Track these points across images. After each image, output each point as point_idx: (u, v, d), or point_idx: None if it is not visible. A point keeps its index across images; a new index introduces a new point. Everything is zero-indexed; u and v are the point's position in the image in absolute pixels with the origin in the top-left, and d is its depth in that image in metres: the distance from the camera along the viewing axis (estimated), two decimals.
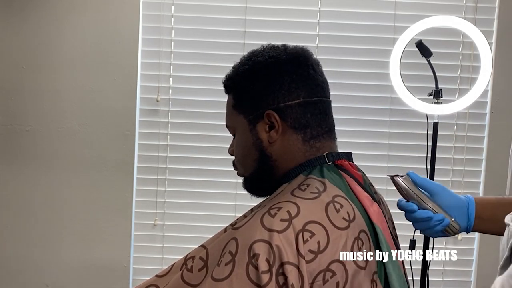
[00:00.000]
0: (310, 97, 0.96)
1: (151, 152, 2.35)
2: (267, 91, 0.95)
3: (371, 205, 0.93)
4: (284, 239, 0.82)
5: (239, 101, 0.99)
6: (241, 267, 0.82)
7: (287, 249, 0.81)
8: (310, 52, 1.01)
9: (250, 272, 0.81)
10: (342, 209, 0.88)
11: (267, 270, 0.81)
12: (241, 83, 0.99)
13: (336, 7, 2.33)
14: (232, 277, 0.82)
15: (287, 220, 0.83)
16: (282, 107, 0.95)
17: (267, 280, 0.80)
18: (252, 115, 0.97)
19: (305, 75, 0.96)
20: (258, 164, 0.98)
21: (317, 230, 0.84)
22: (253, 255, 0.81)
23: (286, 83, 0.95)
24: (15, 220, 2.33)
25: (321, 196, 0.88)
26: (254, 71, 0.97)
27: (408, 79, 2.01)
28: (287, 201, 0.87)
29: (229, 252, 0.84)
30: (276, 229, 0.82)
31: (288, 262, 0.81)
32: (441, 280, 2.36)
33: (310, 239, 0.83)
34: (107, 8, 2.28)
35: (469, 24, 1.88)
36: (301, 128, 0.95)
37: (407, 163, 2.29)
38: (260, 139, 0.97)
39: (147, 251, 2.37)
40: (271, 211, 0.85)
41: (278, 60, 0.96)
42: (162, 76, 2.32)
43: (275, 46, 1.00)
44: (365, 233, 0.90)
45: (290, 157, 0.96)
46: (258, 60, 0.97)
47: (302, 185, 0.91)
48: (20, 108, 2.30)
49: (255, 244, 0.82)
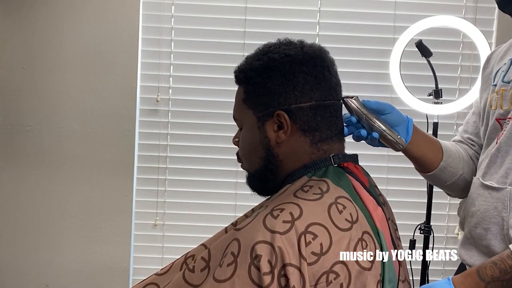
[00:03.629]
0: (322, 100, 0.94)
1: (151, 152, 2.35)
2: (280, 91, 0.93)
3: (375, 209, 0.93)
4: (286, 241, 0.81)
5: (250, 96, 0.97)
6: (243, 268, 0.82)
7: (289, 250, 0.81)
8: (327, 52, 1.00)
9: (252, 273, 0.81)
10: (345, 210, 0.88)
11: (269, 271, 0.80)
12: (254, 78, 0.96)
13: (336, 7, 2.33)
14: (234, 278, 0.82)
15: (290, 221, 0.83)
16: (294, 109, 0.93)
17: (269, 281, 0.80)
18: (262, 112, 0.95)
19: (320, 77, 0.95)
20: (264, 162, 0.97)
21: (320, 232, 0.83)
22: (255, 256, 0.81)
23: (300, 85, 0.93)
24: (15, 220, 2.33)
25: (324, 197, 0.88)
26: (269, 68, 0.95)
27: (408, 79, 2.01)
28: (290, 202, 0.86)
29: (231, 253, 0.84)
30: (278, 231, 0.82)
31: (290, 264, 0.80)
32: None
33: (313, 241, 0.82)
34: (107, 8, 2.28)
35: (469, 24, 1.88)
36: (310, 131, 0.94)
37: (407, 163, 2.28)
38: (267, 138, 0.95)
39: (147, 251, 2.37)
40: (273, 213, 0.85)
41: (294, 60, 0.94)
42: (162, 76, 2.32)
43: (292, 42, 0.98)
44: (369, 234, 0.89)
45: (296, 158, 0.95)
46: (274, 57, 0.95)
47: (305, 186, 0.91)
48: (20, 108, 2.30)
49: (257, 245, 0.81)
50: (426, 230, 1.94)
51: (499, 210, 1.04)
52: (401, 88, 1.93)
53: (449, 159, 1.16)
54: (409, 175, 2.33)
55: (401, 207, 2.28)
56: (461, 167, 1.18)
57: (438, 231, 2.22)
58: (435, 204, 2.03)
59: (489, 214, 1.06)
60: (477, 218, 1.08)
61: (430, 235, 1.94)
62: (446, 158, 1.16)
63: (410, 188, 2.34)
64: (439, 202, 2.29)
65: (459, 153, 1.20)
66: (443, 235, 2.36)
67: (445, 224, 2.37)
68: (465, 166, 1.19)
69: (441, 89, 1.92)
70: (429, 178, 1.22)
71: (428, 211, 1.96)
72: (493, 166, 1.09)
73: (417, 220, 2.01)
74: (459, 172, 1.18)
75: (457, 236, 2.36)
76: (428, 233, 1.94)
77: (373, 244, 0.89)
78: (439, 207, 2.31)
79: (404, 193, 2.34)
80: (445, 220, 2.37)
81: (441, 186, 1.23)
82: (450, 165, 1.17)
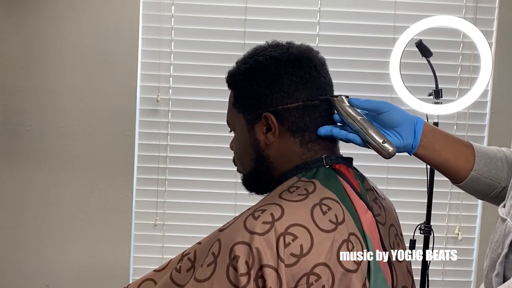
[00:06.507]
0: (310, 100, 0.93)
1: (151, 152, 2.35)
2: (266, 93, 0.93)
3: (364, 213, 0.91)
4: (264, 242, 0.81)
5: (238, 100, 0.98)
6: (222, 268, 0.82)
7: (267, 252, 0.81)
8: (315, 52, 0.98)
9: (230, 273, 0.82)
10: (330, 211, 0.87)
11: (245, 272, 0.80)
12: (241, 82, 0.97)
13: (336, 7, 2.33)
14: (213, 278, 0.83)
15: (270, 222, 0.83)
16: (280, 110, 0.93)
17: (245, 282, 0.80)
18: (250, 115, 0.96)
19: (306, 77, 0.94)
20: (255, 164, 0.97)
21: (300, 233, 0.83)
22: (233, 257, 0.81)
23: (285, 86, 0.93)
24: (15, 220, 2.33)
25: (308, 198, 0.87)
26: (254, 71, 0.95)
27: (408, 79, 2.01)
28: (272, 203, 0.86)
29: (212, 253, 0.85)
30: (257, 232, 0.82)
31: (267, 265, 0.80)
32: (441, 280, 2.36)
33: (293, 242, 0.82)
34: (107, 8, 2.28)
35: (469, 24, 1.88)
36: (299, 131, 0.93)
37: (407, 163, 2.29)
38: (257, 140, 0.96)
39: (147, 251, 2.37)
40: (255, 214, 0.85)
41: (278, 61, 0.94)
42: (162, 76, 2.32)
43: (279, 45, 0.98)
44: (356, 237, 0.87)
45: (287, 160, 0.95)
46: (259, 59, 0.95)
47: (292, 187, 0.90)
48: (20, 108, 2.30)
49: (236, 246, 0.82)
50: (426, 230, 1.94)
51: (498, 244, 0.91)
52: (401, 88, 1.93)
53: (483, 168, 0.98)
54: (409, 175, 2.33)
55: (401, 207, 2.27)
56: (503, 178, 0.98)
57: (438, 231, 2.22)
58: (435, 204, 2.03)
59: (492, 247, 0.93)
60: (488, 248, 0.95)
61: (430, 235, 1.94)
62: (479, 167, 0.97)
63: (410, 188, 2.34)
64: (439, 202, 2.29)
65: (503, 161, 1.00)
66: (443, 235, 2.36)
67: (445, 224, 2.37)
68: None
69: (441, 89, 1.92)
70: (464, 190, 1.02)
71: (428, 211, 1.96)
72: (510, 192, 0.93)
73: (417, 220, 2.01)
74: (500, 184, 0.98)
75: (457, 236, 2.36)
76: (428, 233, 1.94)
77: (361, 247, 0.87)
78: (439, 207, 2.31)
79: (404, 193, 2.34)
80: (445, 220, 2.37)
81: (486, 200, 1.03)
82: (484, 175, 0.97)
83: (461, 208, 2.36)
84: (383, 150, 0.91)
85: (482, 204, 2.36)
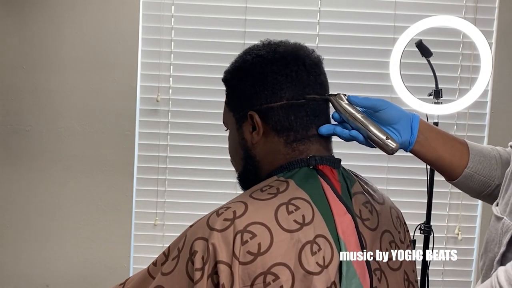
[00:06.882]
0: (295, 98, 0.92)
1: (151, 152, 2.35)
2: (252, 92, 0.93)
3: (342, 215, 0.89)
4: (222, 238, 0.81)
5: (229, 99, 0.99)
6: (183, 263, 0.84)
7: (223, 248, 0.81)
8: (308, 50, 0.96)
9: (188, 268, 0.83)
10: (297, 211, 0.85)
11: (200, 267, 0.81)
12: (231, 81, 0.98)
13: (336, 7, 2.33)
14: (174, 272, 0.85)
15: (230, 220, 0.83)
16: (265, 109, 0.92)
17: (199, 277, 0.81)
18: (238, 114, 0.96)
19: (292, 76, 0.92)
20: (244, 163, 0.98)
21: (260, 232, 0.82)
22: (193, 252, 0.83)
23: (269, 84, 0.92)
24: (15, 220, 2.33)
25: (276, 198, 0.86)
26: (241, 70, 0.96)
27: (408, 79, 2.01)
28: (238, 201, 0.87)
29: (177, 248, 0.87)
30: (216, 228, 0.82)
31: (222, 262, 0.80)
32: (441, 280, 2.36)
33: (250, 240, 0.81)
34: (107, 8, 2.28)
35: (469, 24, 1.88)
36: (284, 130, 0.92)
37: (407, 163, 2.29)
38: (244, 139, 0.96)
39: (147, 251, 2.37)
40: (219, 211, 0.86)
41: (264, 60, 0.94)
42: (162, 76, 2.32)
43: (270, 44, 0.98)
44: (325, 239, 0.85)
45: (272, 159, 0.94)
46: (247, 58, 0.96)
47: (266, 186, 0.90)
48: (20, 108, 2.30)
49: (196, 241, 0.83)
50: (426, 230, 1.94)
51: (495, 242, 0.91)
52: (401, 88, 1.93)
53: (478, 166, 0.99)
54: (409, 175, 2.33)
55: (401, 207, 2.25)
56: (497, 176, 0.99)
57: (438, 231, 2.22)
58: (435, 204, 2.03)
59: (489, 246, 0.94)
60: (483, 247, 0.96)
61: (430, 235, 1.94)
62: (473, 164, 0.98)
63: (410, 188, 2.34)
64: (439, 202, 2.29)
65: (497, 160, 1.01)
66: (443, 235, 2.36)
67: (445, 224, 2.37)
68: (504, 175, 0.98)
69: (441, 89, 1.92)
70: (458, 187, 1.03)
71: (428, 211, 1.96)
72: (504, 190, 0.94)
73: (417, 220, 2.01)
74: (494, 181, 0.99)
75: (457, 236, 2.36)
76: (428, 233, 1.94)
77: (330, 250, 0.85)
78: (439, 207, 2.31)
79: (404, 193, 2.34)
80: (445, 220, 2.37)
81: (479, 198, 1.05)
82: (478, 173, 0.99)
83: (461, 208, 2.37)
84: (386, 147, 0.91)
85: (482, 204, 2.36)
